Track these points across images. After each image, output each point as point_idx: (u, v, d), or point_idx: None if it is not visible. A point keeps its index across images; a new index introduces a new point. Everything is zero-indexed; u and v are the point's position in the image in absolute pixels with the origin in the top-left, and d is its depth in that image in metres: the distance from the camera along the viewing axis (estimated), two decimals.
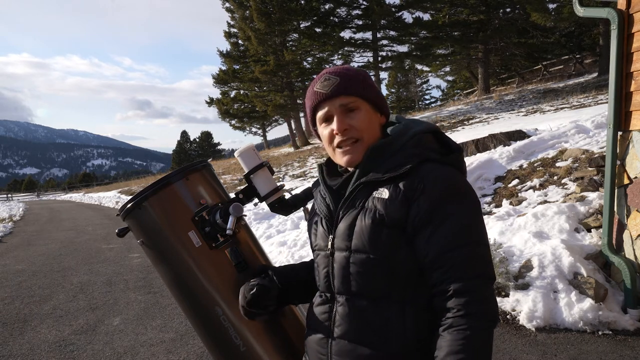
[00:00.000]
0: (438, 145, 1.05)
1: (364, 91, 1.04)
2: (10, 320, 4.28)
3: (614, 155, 3.32)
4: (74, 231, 11.18)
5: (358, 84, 1.04)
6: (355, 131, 1.03)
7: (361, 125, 1.03)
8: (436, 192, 0.93)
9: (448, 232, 0.91)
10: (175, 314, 4.14)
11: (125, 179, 57.53)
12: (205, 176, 1.35)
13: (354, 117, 1.03)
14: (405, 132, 1.03)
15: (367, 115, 1.04)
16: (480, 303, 0.89)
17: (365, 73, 1.09)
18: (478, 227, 0.95)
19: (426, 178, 0.94)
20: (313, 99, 1.06)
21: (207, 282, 1.27)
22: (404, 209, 0.93)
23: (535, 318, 3.13)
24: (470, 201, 0.96)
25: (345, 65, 1.18)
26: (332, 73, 1.05)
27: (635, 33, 3.10)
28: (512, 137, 7.48)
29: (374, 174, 0.99)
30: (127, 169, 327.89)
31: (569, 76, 22.77)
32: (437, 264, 0.91)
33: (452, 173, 0.98)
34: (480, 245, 0.94)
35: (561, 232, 3.81)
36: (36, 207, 25.27)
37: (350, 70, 1.06)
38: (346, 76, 1.04)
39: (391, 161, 0.99)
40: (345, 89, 1.02)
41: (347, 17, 23.24)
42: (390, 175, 0.97)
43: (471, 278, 0.90)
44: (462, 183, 0.98)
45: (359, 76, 1.05)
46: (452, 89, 45.08)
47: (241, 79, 25.63)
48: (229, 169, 20.30)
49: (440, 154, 1.02)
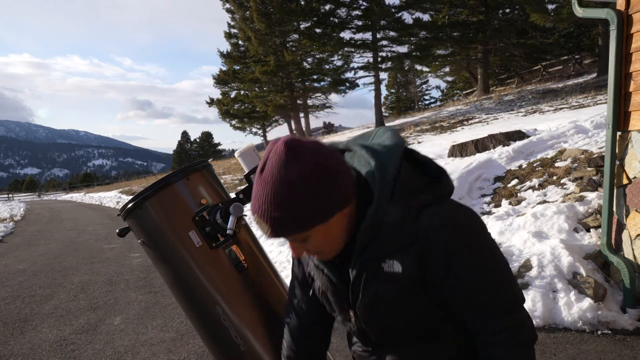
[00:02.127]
0: (417, 175, 0.93)
1: (304, 224, 0.83)
2: (11, 320, 4.29)
3: (613, 156, 3.33)
4: (74, 231, 11.19)
5: (293, 224, 0.83)
6: (314, 252, 0.92)
7: (318, 248, 0.90)
8: (444, 244, 0.86)
9: (467, 282, 0.88)
10: (175, 313, 4.15)
11: (126, 179, 57.50)
12: (206, 176, 1.36)
13: (309, 243, 0.89)
14: (383, 189, 0.88)
15: (322, 236, 0.87)
16: (519, 331, 0.90)
17: (303, 187, 0.80)
18: (493, 257, 0.91)
19: (430, 232, 0.86)
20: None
21: (207, 281, 1.28)
22: (420, 270, 0.88)
23: (534, 317, 3.13)
24: (480, 233, 0.91)
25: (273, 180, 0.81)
26: (261, 218, 0.84)
27: (635, 33, 3.11)
28: (512, 138, 7.49)
29: (375, 251, 0.90)
30: (127, 169, 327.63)
31: (568, 76, 22.78)
32: (469, 311, 0.91)
33: (449, 212, 0.89)
34: (500, 277, 0.91)
35: (560, 232, 3.82)
36: (37, 207, 25.27)
37: (280, 204, 0.81)
38: (276, 220, 0.82)
39: (387, 232, 0.88)
40: (281, 232, 0.84)
41: (347, 18, 23.23)
42: (394, 249, 0.89)
43: (505, 314, 0.90)
44: (464, 218, 0.90)
45: (289, 210, 0.81)
46: (451, 90, 45.07)
47: (241, 79, 25.65)
48: (230, 169, 20.30)
49: (426, 188, 0.91)
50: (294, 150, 0.82)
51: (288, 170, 0.81)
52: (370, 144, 0.95)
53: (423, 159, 0.96)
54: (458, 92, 39.86)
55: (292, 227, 0.83)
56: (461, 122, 15.26)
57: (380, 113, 24.73)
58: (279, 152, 0.82)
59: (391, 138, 0.94)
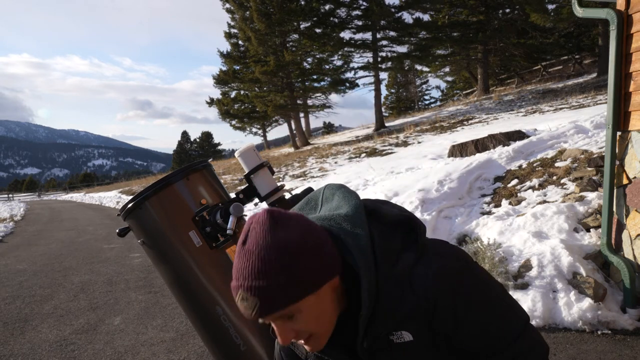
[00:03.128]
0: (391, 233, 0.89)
1: (296, 295, 0.78)
2: (11, 320, 4.29)
3: (613, 156, 3.33)
4: (74, 231, 11.19)
5: (282, 294, 0.77)
6: (304, 334, 0.84)
7: (310, 326, 0.83)
8: (444, 298, 0.85)
9: (477, 319, 0.88)
10: (175, 313, 4.15)
11: (126, 179, 57.52)
12: (206, 176, 1.36)
13: (298, 321, 0.82)
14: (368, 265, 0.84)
15: (314, 310, 0.81)
16: (533, 351, 0.91)
17: (289, 258, 0.77)
18: (488, 289, 0.91)
19: (427, 292, 0.84)
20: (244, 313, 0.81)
21: (207, 281, 1.28)
22: (429, 332, 0.88)
23: (534, 317, 3.14)
24: (468, 270, 0.90)
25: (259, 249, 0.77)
26: (247, 291, 0.77)
27: (635, 33, 3.11)
28: (512, 138, 7.49)
29: (380, 326, 0.86)
30: (127, 169, 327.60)
31: (568, 76, 22.78)
32: (484, 348, 0.90)
33: (437, 263, 0.87)
34: (504, 304, 0.92)
35: (560, 232, 3.82)
36: (37, 207, 25.27)
37: (267, 273, 0.76)
38: (263, 292, 0.77)
39: (385, 310, 0.85)
40: (271, 308, 0.77)
41: (347, 18, 23.24)
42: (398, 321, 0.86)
43: (513, 342, 0.90)
44: (453, 263, 0.88)
45: (278, 279, 0.76)
46: (451, 90, 45.08)
47: (241, 79, 25.65)
48: (230, 169, 20.30)
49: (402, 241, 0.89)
50: (277, 217, 0.80)
51: (275, 236, 0.78)
52: (328, 216, 0.90)
53: (385, 213, 0.91)
54: (458, 92, 39.86)
55: (283, 298, 0.77)
56: (461, 122, 15.26)
57: (380, 113, 24.74)
58: (262, 221, 0.80)
59: (346, 202, 0.91)
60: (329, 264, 0.82)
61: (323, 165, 13.62)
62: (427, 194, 5.44)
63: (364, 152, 13.85)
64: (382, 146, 14.26)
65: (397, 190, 5.98)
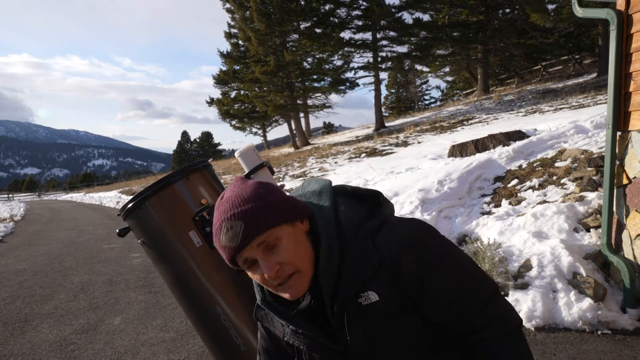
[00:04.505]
0: (356, 204, 0.96)
1: (275, 217, 0.87)
2: (11, 320, 4.29)
3: (613, 156, 3.33)
4: (74, 231, 11.19)
5: (263, 215, 0.87)
6: (288, 266, 0.89)
7: (291, 257, 0.89)
8: (408, 259, 0.88)
9: (443, 285, 0.90)
10: (175, 313, 4.15)
11: (126, 179, 57.52)
12: (206, 176, 1.36)
13: (279, 252, 0.88)
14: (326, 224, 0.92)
15: (292, 240, 0.89)
16: (503, 320, 0.94)
17: (263, 190, 0.90)
18: (455, 256, 0.94)
19: (391, 252, 0.88)
20: (226, 255, 0.89)
21: (207, 281, 1.28)
22: (397, 293, 0.89)
23: (534, 317, 3.14)
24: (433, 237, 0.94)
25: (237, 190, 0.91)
26: (231, 218, 0.87)
27: (635, 33, 3.11)
28: (512, 138, 7.49)
29: (347, 288, 0.89)
30: (127, 169, 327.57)
31: (568, 76, 22.78)
32: (451, 315, 0.92)
33: (400, 228, 0.92)
34: (470, 272, 0.94)
35: (560, 232, 3.82)
36: (37, 207, 25.27)
37: (248, 200, 0.88)
38: (248, 215, 0.86)
39: (350, 266, 0.89)
40: (256, 229, 0.86)
41: (347, 18, 23.24)
42: (364, 279, 0.89)
43: (483, 309, 0.93)
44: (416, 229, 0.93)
45: (259, 203, 0.87)
46: (451, 90, 45.08)
47: (241, 79, 25.65)
48: (230, 169, 20.31)
49: (368, 213, 0.95)
50: (244, 177, 0.96)
51: (246, 182, 0.93)
52: (301, 193, 1.02)
53: (352, 189, 1.00)
54: (458, 92, 39.86)
55: (264, 220, 0.86)
56: (461, 122, 15.26)
57: (380, 113, 24.73)
58: (234, 181, 0.95)
59: (317, 183, 1.02)
60: (298, 205, 0.93)
61: (323, 165, 13.62)
62: (427, 194, 5.44)
63: (364, 152, 13.85)
64: (382, 146, 14.26)
65: (397, 190, 5.98)
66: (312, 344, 0.96)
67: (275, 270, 0.88)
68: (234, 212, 0.87)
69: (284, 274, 0.89)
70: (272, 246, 0.88)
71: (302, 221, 0.93)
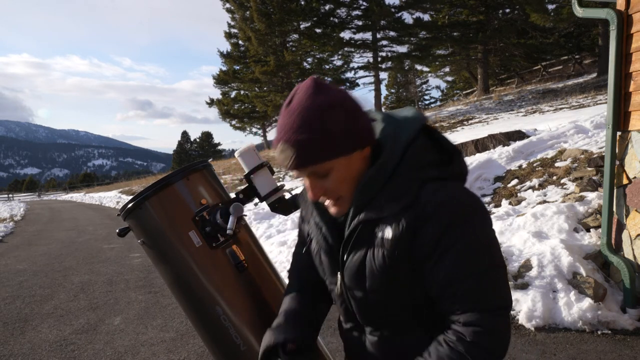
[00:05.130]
0: (432, 150, 0.93)
1: (328, 152, 0.85)
2: (11, 320, 4.29)
3: (613, 156, 3.33)
4: (74, 231, 11.19)
5: (318, 148, 0.84)
6: (332, 192, 0.91)
7: (337, 186, 0.90)
8: (439, 219, 0.84)
9: (453, 262, 0.84)
10: (175, 313, 4.16)
11: (126, 179, 57.50)
12: (206, 176, 1.36)
13: (328, 181, 0.89)
14: (394, 147, 0.90)
15: (342, 172, 0.88)
16: (490, 336, 0.83)
17: (327, 118, 0.84)
18: (488, 248, 0.87)
19: (429, 204, 0.85)
20: (280, 164, 0.91)
21: (207, 281, 1.28)
22: (410, 241, 0.86)
23: (534, 317, 3.14)
24: (479, 219, 0.87)
25: (301, 108, 0.84)
26: (287, 142, 0.85)
27: (635, 33, 3.11)
28: (512, 138, 7.49)
29: (371, 212, 0.89)
30: (127, 169, 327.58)
31: (568, 76, 22.78)
32: (444, 296, 0.87)
33: (455, 192, 0.87)
34: (489, 271, 0.85)
35: (560, 232, 3.82)
36: (37, 207, 25.27)
37: (307, 128, 0.84)
38: (301, 145, 0.84)
39: (387, 194, 0.88)
40: (305, 161, 0.85)
41: (347, 18, 23.25)
42: (390, 213, 0.87)
43: (481, 311, 0.84)
44: (466, 201, 0.87)
45: (315, 135, 0.83)
46: (451, 90, 45.09)
47: (241, 79, 25.66)
48: (230, 169, 20.31)
49: (438, 165, 0.91)
50: (320, 83, 0.87)
51: (317, 98, 0.85)
52: (392, 112, 0.97)
53: (440, 137, 0.95)
54: (458, 92, 39.86)
55: (316, 154, 0.85)
56: (461, 122, 15.26)
57: None
58: (307, 85, 0.87)
59: (413, 112, 0.96)
60: (362, 133, 0.88)
61: None
62: None
63: None
64: None
65: None
66: (322, 241, 1.00)
67: (319, 195, 0.91)
68: (289, 137, 0.85)
69: (327, 198, 0.93)
70: (321, 175, 0.89)
71: (363, 149, 0.90)
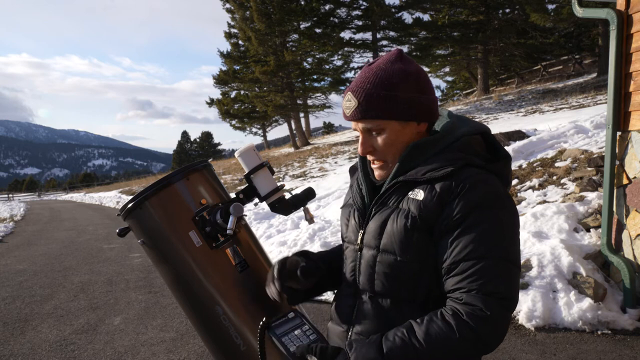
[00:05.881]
0: (485, 150, 0.99)
1: (388, 112, 0.92)
2: (11, 320, 4.29)
3: (613, 156, 3.33)
4: (74, 231, 11.19)
5: (380, 105, 0.92)
6: (378, 154, 0.98)
7: (385, 148, 0.97)
8: (472, 197, 0.87)
9: (472, 239, 0.86)
10: (175, 313, 4.16)
11: (126, 179, 57.53)
12: (206, 176, 1.36)
13: (378, 138, 0.96)
14: (452, 131, 0.97)
15: (393, 135, 0.96)
16: (485, 322, 0.82)
17: (400, 81, 0.93)
18: (508, 242, 0.88)
19: (465, 182, 0.88)
20: (343, 114, 1.00)
21: (207, 281, 1.28)
22: (437, 211, 0.89)
23: (534, 317, 3.14)
24: (508, 213, 0.90)
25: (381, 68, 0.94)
26: (353, 91, 0.94)
27: (635, 33, 3.11)
28: (512, 138, 7.49)
29: (413, 173, 0.95)
30: (127, 169, 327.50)
31: (568, 76, 22.78)
32: (454, 271, 0.87)
33: (493, 182, 0.91)
34: (505, 262, 0.86)
35: (560, 232, 3.82)
36: (37, 207, 25.27)
37: (378, 84, 0.92)
38: (366, 97, 0.92)
39: (432, 161, 0.94)
40: (364, 113, 0.93)
41: (347, 18, 23.24)
42: (429, 177, 0.92)
43: (485, 294, 0.83)
44: (502, 193, 0.91)
45: (381, 92, 0.92)
46: (451, 90, 45.06)
47: (241, 79, 25.64)
48: (230, 169, 20.31)
49: (485, 160, 0.96)
50: (404, 55, 0.97)
51: (396, 64, 0.95)
52: (459, 115, 1.05)
53: (497, 144, 1.01)
54: (458, 92, 39.86)
55: (376, 108, 0.92)
56: None
57: None
58: (392, 53, 0.97)
59: (478, 121, 1.05)
60: (423, 107, 0.96)
61: (323, 165, 13.63)
62: None
63: None
64: None
65: None
66: (358, 199, 1.07)
67: (366, 151, 0.99)
68: (358, 87, 0.94)
69: (374, 157, 1.00)
70: (374, 133, 0.96)
71: (419, 123, 0.97)
